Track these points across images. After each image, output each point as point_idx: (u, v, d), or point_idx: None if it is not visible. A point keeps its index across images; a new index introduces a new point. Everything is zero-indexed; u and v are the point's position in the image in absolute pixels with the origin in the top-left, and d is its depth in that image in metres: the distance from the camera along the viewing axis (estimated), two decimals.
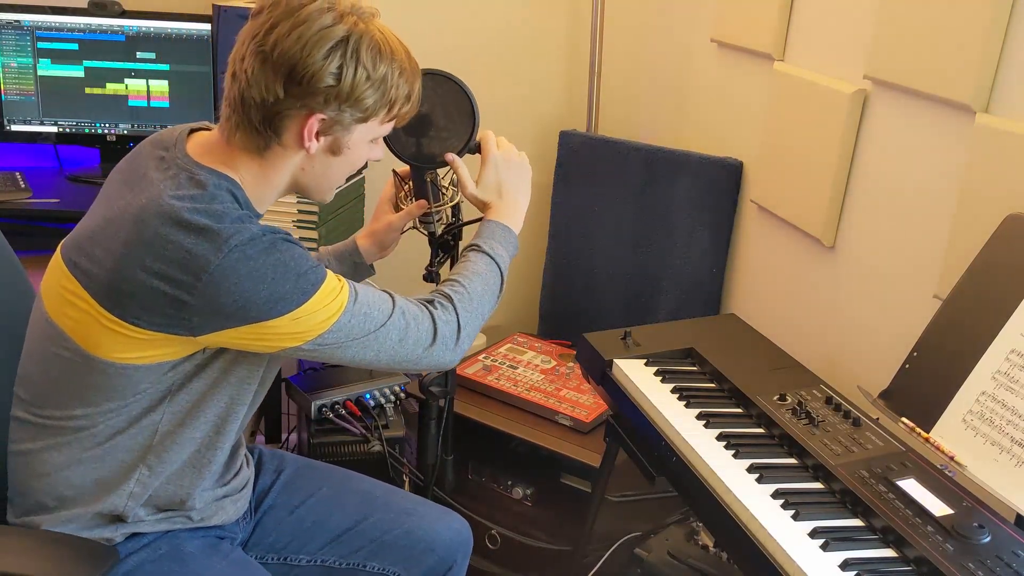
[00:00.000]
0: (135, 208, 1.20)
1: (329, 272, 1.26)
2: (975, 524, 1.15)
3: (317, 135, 1.24)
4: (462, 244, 1.72)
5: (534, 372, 2.23)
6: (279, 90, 1.19)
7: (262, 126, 1.22)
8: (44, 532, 1.29)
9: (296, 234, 2.10)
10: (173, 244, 1.16)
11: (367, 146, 1.32)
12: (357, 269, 1.65)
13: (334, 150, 1.28)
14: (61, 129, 2.21)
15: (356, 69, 1.20)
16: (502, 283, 1.46)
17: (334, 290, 1.25)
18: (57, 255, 1.28)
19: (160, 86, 2.23)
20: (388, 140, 1.55)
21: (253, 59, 1.20)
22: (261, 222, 1.25)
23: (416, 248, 1.80)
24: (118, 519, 1.31)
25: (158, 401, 1.26)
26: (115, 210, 1.23)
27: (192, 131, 1.31)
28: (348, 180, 1.38)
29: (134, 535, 1.33)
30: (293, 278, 1.20)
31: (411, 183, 1.64)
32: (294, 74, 1.18)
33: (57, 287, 1.25)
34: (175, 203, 1.18)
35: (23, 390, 1.31)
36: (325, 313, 1.23)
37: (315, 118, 1.22)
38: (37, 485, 1.30)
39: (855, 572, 1.11)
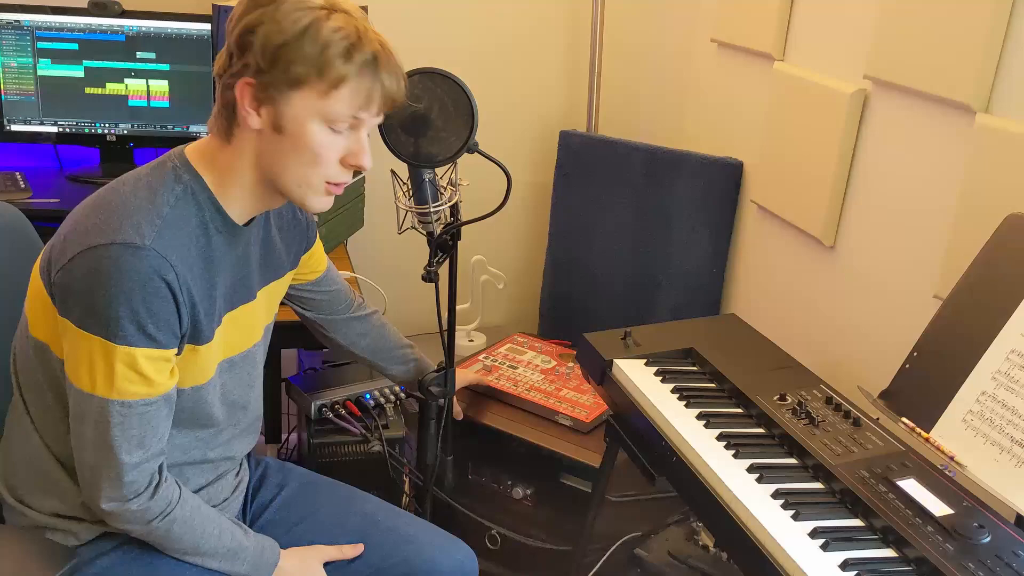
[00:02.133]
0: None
1: (142, 355, 1.17)
2: (975, 524, 1.15)
3: (256, 107, 1.19)
4: (461, 244, 1.72)
5: (534, 372, 2.23)
6: (225, 58, 1.20)
7: (222, 102, 1.22)
8: (5, 528, 1.31)
9: None
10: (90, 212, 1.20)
11: (319, 129, 1.20)
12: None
13: (276, 126, 1.19)
14: (61, 129, 2.21)
15: (269, 24, 1.15)
16: (200, 553, 1.31)
17: (124, 365, 1.17)
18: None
19: (160, 86, 2.23)
20: (386, 139, 1.55)
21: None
22: None
23: (415, 248, 1.80)
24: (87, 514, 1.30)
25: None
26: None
27: None
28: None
29: (105, 535, 1.32)
30: (111, 308, 1.14)
31: (410, 182, 1.64)
32: (230, 40, 1.19)
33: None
34: (125, 186, 1.23)
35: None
36: (102, 366, 1.17)
37: (243, 81, 1.18)
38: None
39: (855, 572, 1.11)
